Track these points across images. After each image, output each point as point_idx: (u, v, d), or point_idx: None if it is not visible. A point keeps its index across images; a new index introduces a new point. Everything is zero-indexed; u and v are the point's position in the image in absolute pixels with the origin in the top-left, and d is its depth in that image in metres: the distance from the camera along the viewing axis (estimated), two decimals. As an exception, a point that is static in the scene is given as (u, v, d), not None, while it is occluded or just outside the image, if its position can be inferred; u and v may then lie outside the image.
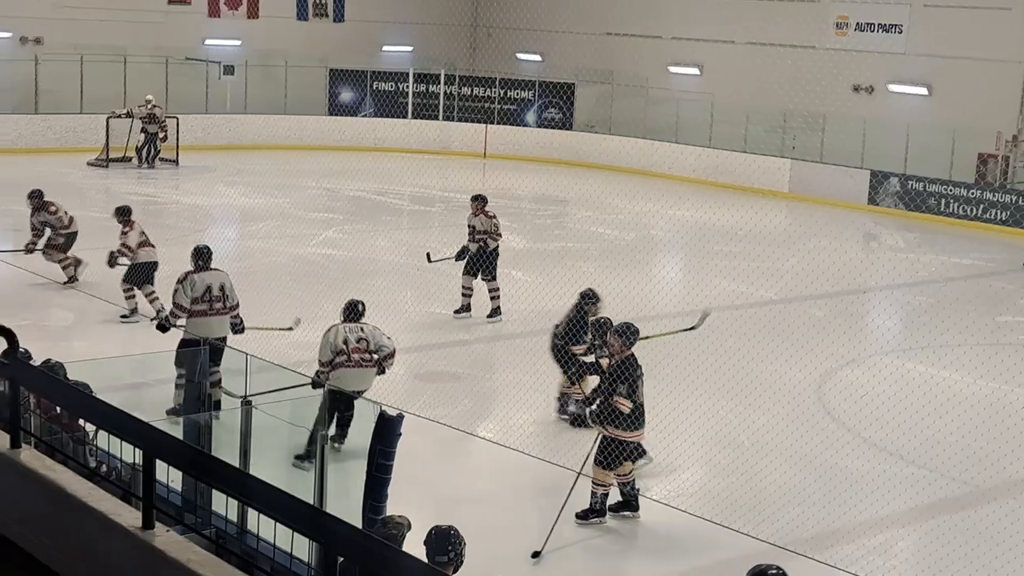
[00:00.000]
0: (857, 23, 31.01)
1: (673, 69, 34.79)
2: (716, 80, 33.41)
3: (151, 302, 15.91)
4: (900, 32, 30.21)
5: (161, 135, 29.31)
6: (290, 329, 13.79)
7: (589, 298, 13.19)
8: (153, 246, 16.24)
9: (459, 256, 17.18)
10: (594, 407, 10.93)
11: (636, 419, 10.68)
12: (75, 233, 17.71)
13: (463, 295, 17.17)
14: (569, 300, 13.48)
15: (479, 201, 17.29)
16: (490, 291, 17.14)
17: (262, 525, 6.20)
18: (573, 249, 23.32)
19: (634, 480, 10.96)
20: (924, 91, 29.89)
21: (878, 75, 30.61)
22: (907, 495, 11.84)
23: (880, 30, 30.58)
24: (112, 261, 16.14)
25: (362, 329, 11.97)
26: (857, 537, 10.88)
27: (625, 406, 10.49)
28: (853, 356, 16.24)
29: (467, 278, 17.13)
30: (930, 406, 12.87)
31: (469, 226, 17.27)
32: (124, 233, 16.15)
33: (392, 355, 12.04)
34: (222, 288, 12.96)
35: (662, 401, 12.94)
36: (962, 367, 15.68)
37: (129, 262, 16.09)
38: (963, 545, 10.54)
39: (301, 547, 6.69)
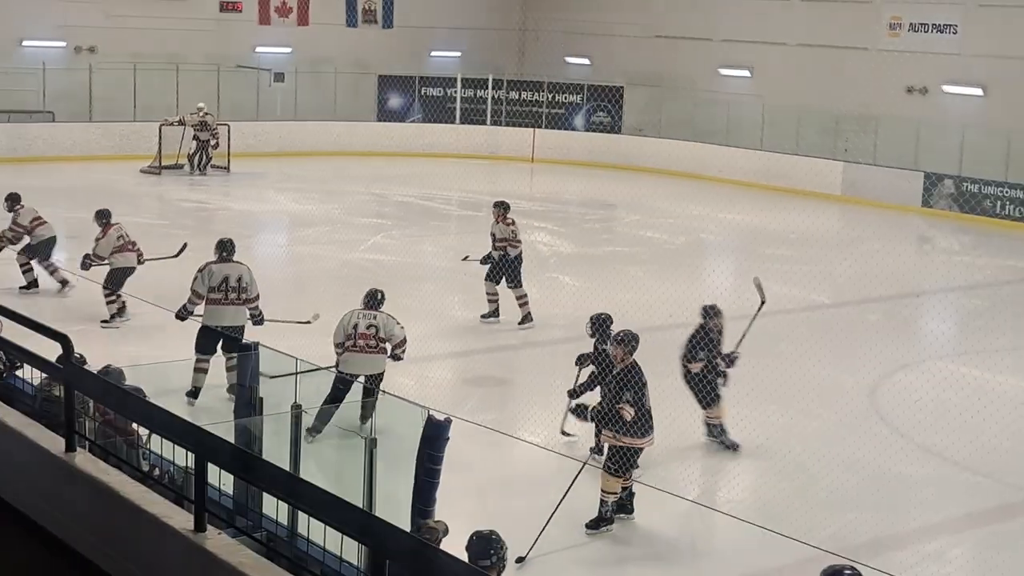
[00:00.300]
0: (910, 24, 30.72)
1: (723, 71, 34.61)
2: (767, 82, 33.23)
3: (109, 303, 16.25)
4: (954, 33, 29.92)
5: (213, 142, 29.51)
6: (308, 323, 14.04)
7: (710, 314, 12.71)
8: (133, 251, 16.41)
9: (483, 261, 17.26)
10: (592, 407, 11.05)
11: (643, 425, 10.67)
12: (50, 239, 17.76)
13: (488, 301, 17.18)
14: (614, 305, 13.38)
15: (500, 208, 17.33)
16: (517, 299, 17.10)
17: (312, 528, 6.22)
18: (622, 253, 23.26)
19: (632, 484, 10.93)
20: (979, 92, 29.57)
21: (932, 76, 30.32)
22: (962, 501, 11.73)
23: (934, 30, 30.30)
24: (84, 265, 16.43)
25: (375, 316, 12.45)
26: (911, 543, 10.79)
27: (628, 412, 10.49)
28: (907, 360, 16.09)
29: (489, 284, 17.16)
30: (985, 411, 12.72)
31: (491, 234, 17.33)
32: (96, 239, 16.37)
33: (403, 343, 12.54)
34: (239, 280, 13.45)
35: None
36: (1018, 371, 15.53)
37: (110, 266, 16.31)
38: (1019, 552, 10.42)
39: (351, 550, 6.71)
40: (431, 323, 15.83)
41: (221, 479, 6.27)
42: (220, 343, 13.28)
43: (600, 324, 12.20)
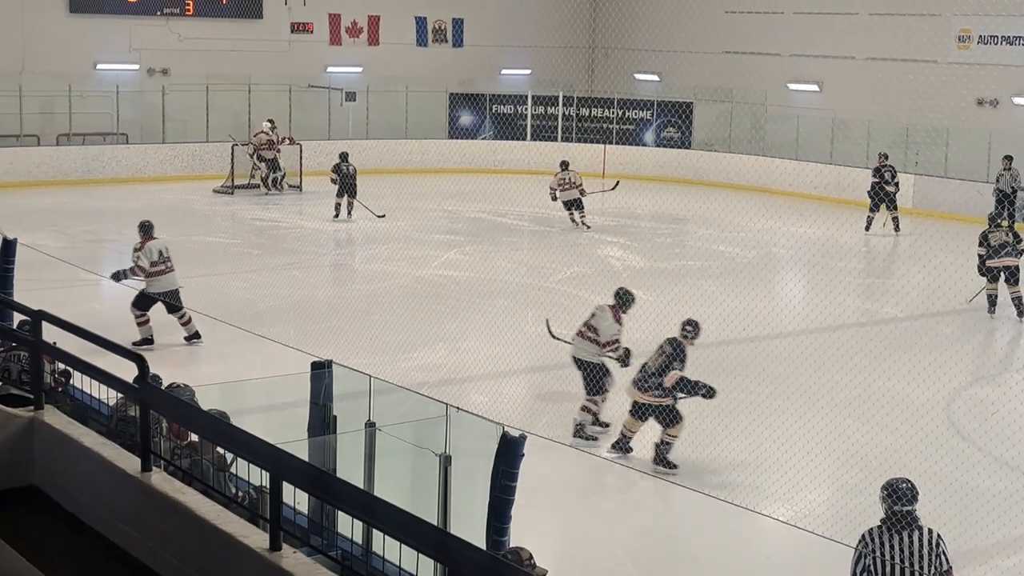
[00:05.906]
0: (979, 36, 30.41)
1: (792, 86, 34.46)
2: (836, 96, 33.04)
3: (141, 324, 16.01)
4: (1024, 44, 29.62)
5: (281, 144, 29.83)
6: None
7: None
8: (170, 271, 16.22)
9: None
10: None
11: None
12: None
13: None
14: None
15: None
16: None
17: (387, 546, 6.25)
18: (693, 267, 23.19)
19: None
20: (1051, 103, 29.24)
21: (1003, 88, 29.99)
22: (1041, 515, 11.56)
23: (1004, 42, 29.96)
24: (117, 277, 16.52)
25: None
26: (989, 558, 10.65)
27: None
28: (982, 374, 15.92)
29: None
30: (1064, 424, 12.57)
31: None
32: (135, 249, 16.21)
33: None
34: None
35: (788, 420, 12.83)
36: (1096, 384, 15.26)
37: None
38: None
39: (426, 569, 6.73)
40: (505, 339, 15.86)
41: (296, 498, 6.32)
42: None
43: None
